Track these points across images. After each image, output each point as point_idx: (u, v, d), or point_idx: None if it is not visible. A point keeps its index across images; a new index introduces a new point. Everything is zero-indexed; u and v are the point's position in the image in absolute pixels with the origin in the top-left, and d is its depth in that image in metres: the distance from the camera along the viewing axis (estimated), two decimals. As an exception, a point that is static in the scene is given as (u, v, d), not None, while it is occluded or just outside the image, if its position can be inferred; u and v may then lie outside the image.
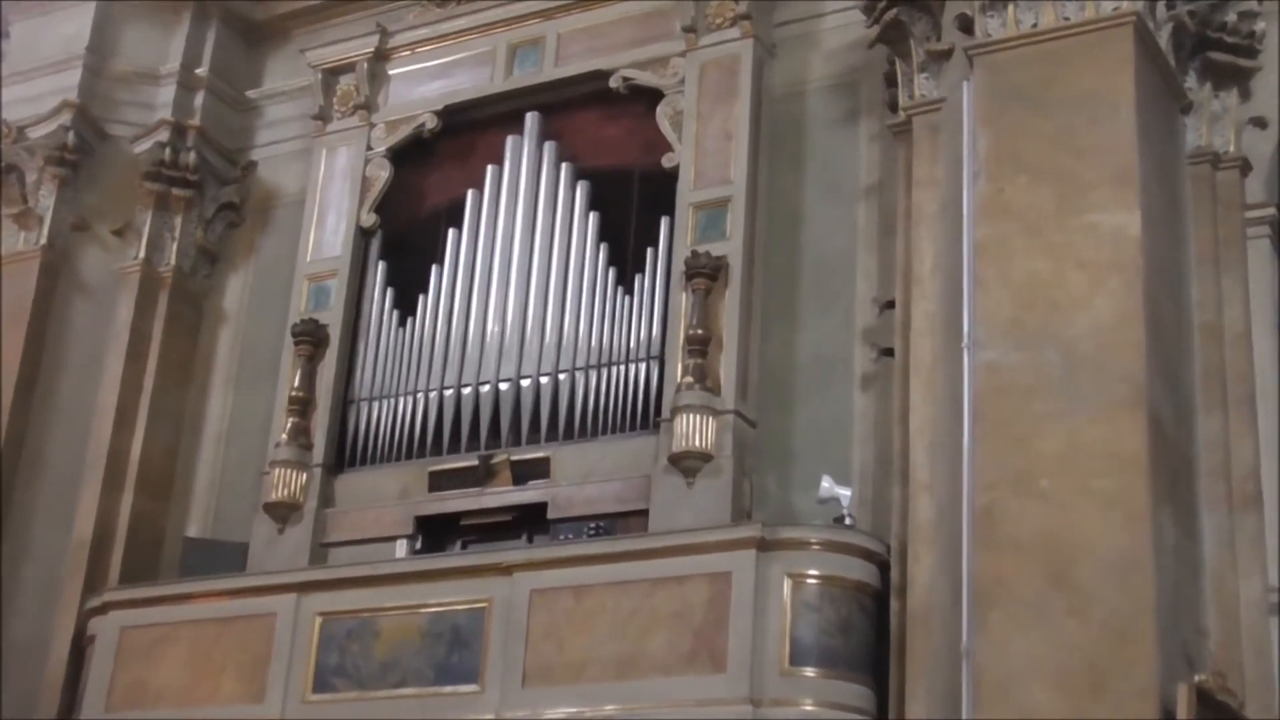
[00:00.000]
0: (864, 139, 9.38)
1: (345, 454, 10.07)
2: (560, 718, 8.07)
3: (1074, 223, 7.57)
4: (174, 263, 11.01)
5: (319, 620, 8.94)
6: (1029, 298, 7.54)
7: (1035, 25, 7.94)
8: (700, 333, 8.99)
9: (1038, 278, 7.55)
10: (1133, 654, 6.80)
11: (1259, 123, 8.33)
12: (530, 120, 10.31)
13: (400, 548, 9.62)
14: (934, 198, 8.30)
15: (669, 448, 8.83)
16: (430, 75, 10.71)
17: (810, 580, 7.98)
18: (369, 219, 10.58)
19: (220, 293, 11.27)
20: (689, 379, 8.89)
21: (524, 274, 9.94)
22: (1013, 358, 7.50)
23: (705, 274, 9.08)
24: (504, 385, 9.64)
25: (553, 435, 9.45)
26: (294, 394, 10.10)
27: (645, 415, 9.19)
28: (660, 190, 9.64)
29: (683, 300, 9.18)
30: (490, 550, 9.16)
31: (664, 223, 9.55)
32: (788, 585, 7.94)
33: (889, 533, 8.09)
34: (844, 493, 8.33)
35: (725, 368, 8.98)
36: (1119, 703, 6.73)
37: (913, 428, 7.99)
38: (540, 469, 9.40)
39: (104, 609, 9.66)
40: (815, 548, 8.06)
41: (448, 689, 8.46)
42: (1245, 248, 8.13)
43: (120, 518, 10.37)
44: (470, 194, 10.33)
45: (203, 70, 11.38)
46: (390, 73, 10.86)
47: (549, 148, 10.20)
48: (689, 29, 9.75)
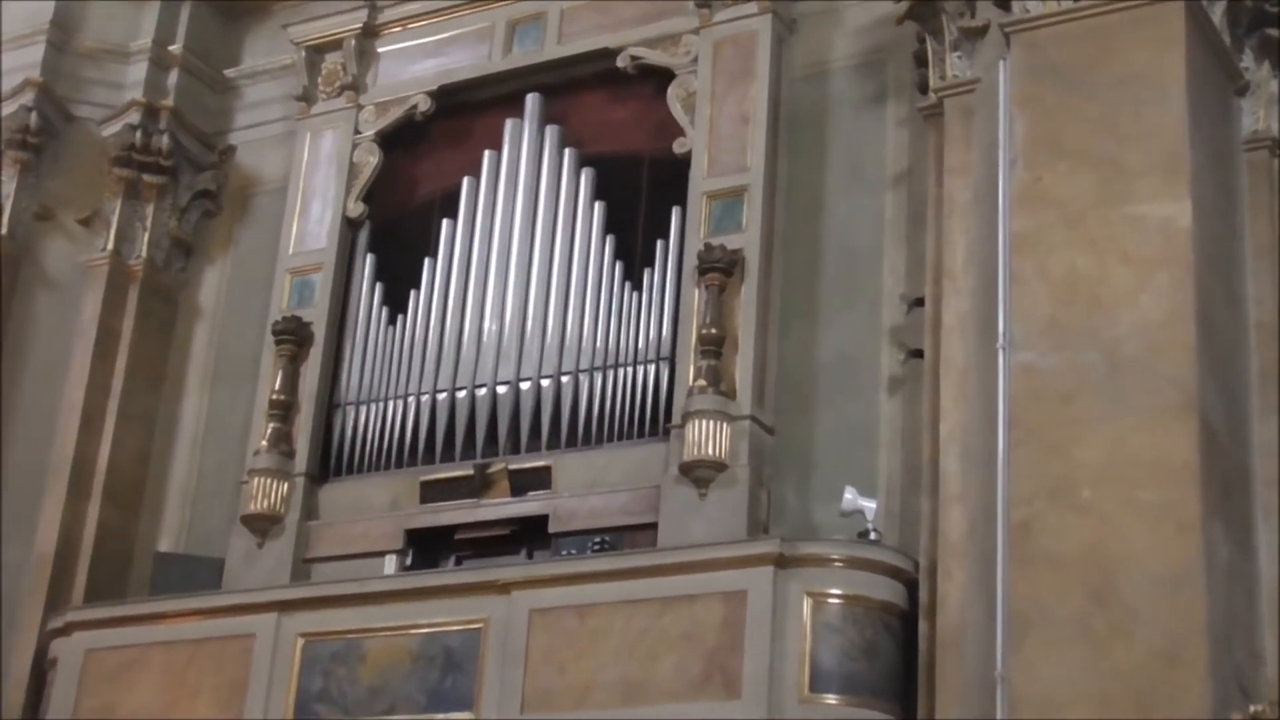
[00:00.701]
0: (891, 123, 9.38)
1: (330, 462, 10.09)
2: (561, 747, 8.11)
3: (1118, 213, 7.58)
4: (145, 255, 11.04)
5: (301, 642, 8.95)
6: (1069, 294, 7.55)
7: (1078, 0, 7.94)
8: (714, 332, 9.00)
9: (1079, 273, 7.56)
10: (1182, 680, 6.80)
11: (1321, 106, 8.36)
12: (531, 102, 10.33)
13: (389, 563, 9.63)
14: (967, 186, 8.31)
15: (680, 456, 8.84)
16: (423, 53, 10.73)
17: (832, 600, 7.99)
18: (356, 208, 10.60)
19: (195, 287, 11.29)
20: (701, 382, 8.91)
21: (524, 268, 9.96)
22: (1052, 359, 7.51)
23: (719, 269, 9.09)
24: (502, 388, 9.66)
25: (554, 443, 9.46)
26: (275, 397, 10.11)
27: (654, 421, 9.20)
28: (671, 178, 9.65)
29: (695, 297, 9.19)
30: (486, 566, 9.17)
31: (675, 213, 9.56)
32: (808, 605, 7.95)
33: (917, 549, 8.10)
34: (869, 505, 8.34)
35: (741, 370, 8.99)
36: (1166, 733, 6.75)
37: (943, 435, 8.00)
38: (541, 479, 9.41)
39: (67, 630, 9.68)
40: (837, 565, 8.07)
41: (440, 716, 8.47)
42: (1305, 241, 8.15)
43: (86, 530, 10.38)
44: (466, 182, 10.35)
45: (176, 47, 11.40)
46: (380, 50, 10.88)
47: (551, 132, 10.22)
48: (702, 4, 9.77)
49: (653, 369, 9.30)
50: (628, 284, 9.61)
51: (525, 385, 9.61)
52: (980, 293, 8.01)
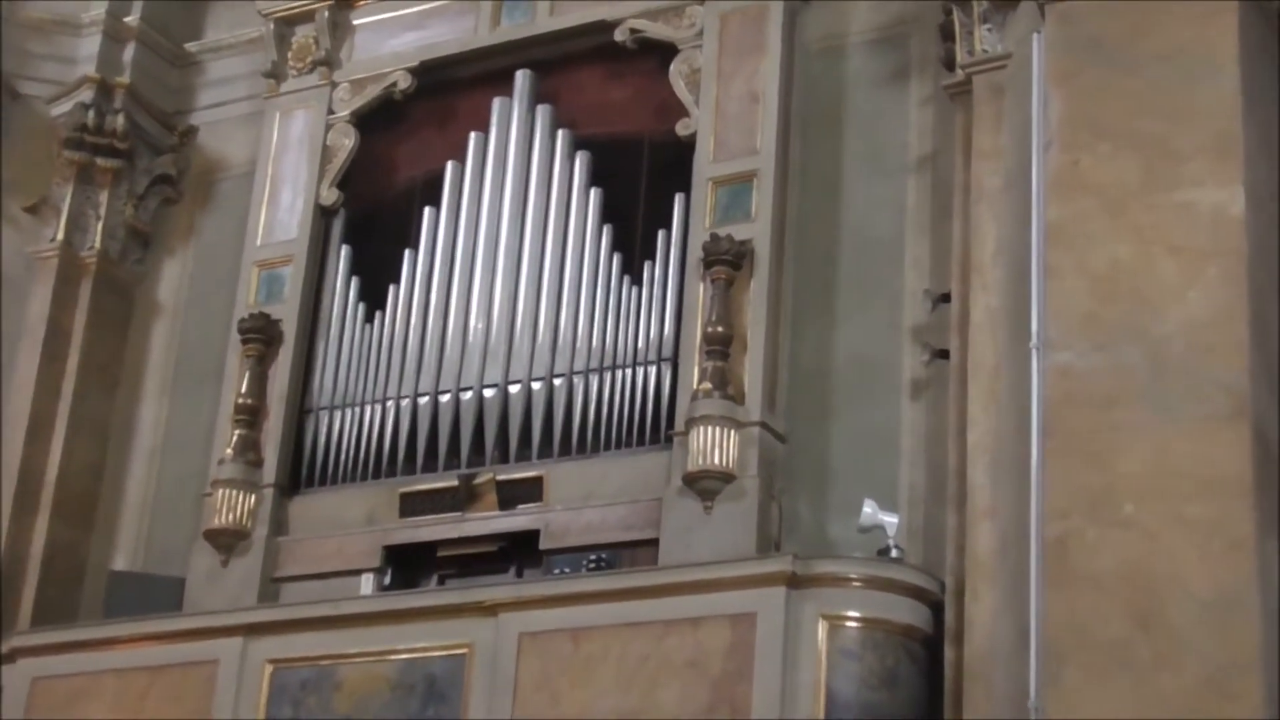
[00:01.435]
0: (914, 102, 9.39)
1: (301, 473, 10.09)
2: (554, 785, 8.10)
3: (1164, 200, 7.55)
4: (99, 246, 11.02)
5: (269, 669, 8.93)
6: (1110, 289, 7.52)
7: (1119, -33, 7.95)
8: (720, 331, 8.99)
9: (1121, 265, 7.53)
10: (1234, 712, 6.77)
11: (1387, 83, 8.33)
12: (521, 80, 10.32)
13: (366, 583, 9.62)
14: (997, 171, 8.30)
15: (683, 466, 8.84)
16: (403, 26, 10.73)
17: (849, 623, 7.98)
18: (330, 195, 10.59)
19: (154, 281, 11.28)
20: (707, 385, 8.90)
21: (513, 261, 9.95)
22: (1090, 360, 7.49)
23: (726, 261, 9.08)
24: (489, 392, 9.65)
25: (546, 451, 9.45)
26: (241, 401, 10.10)
27: (655, 428, 9.20)
28: (674, 162, 9.65)
29: (700, 292, 9.19)
30: (472, 586, 9.15)
31: (678, 201, 9.56)
32: (823, 629, 7.93)
33: (943, 568, 8.09)
34: (890, 520, 8.34)
35: (750, 372, 8.99)
36: (1217, 770, 6.74)
37: (971, 443, 7.99)
38: (531, 491, 9.41)
39: (13, 656, 9.66)
40: (856, 585, 8.06)
41: (421, 750, 8.49)
42: (1369, 232, 8.12)
43: (33, 547, 10.37)
44: (450, 166, 10.34)
45: (133, 19, 11.38)
46: (355, 23, 10.88)
47: (543, 112, 10.21)
48: (708, -27, 9.79)
49: (653, 371, 9.29)
50: (626, 278, 9.60)
51: (514, 389, 9.60)
52: (1011, 288, 8.00)
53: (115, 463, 10.84)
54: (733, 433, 8.80)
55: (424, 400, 9.80)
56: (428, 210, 10.31)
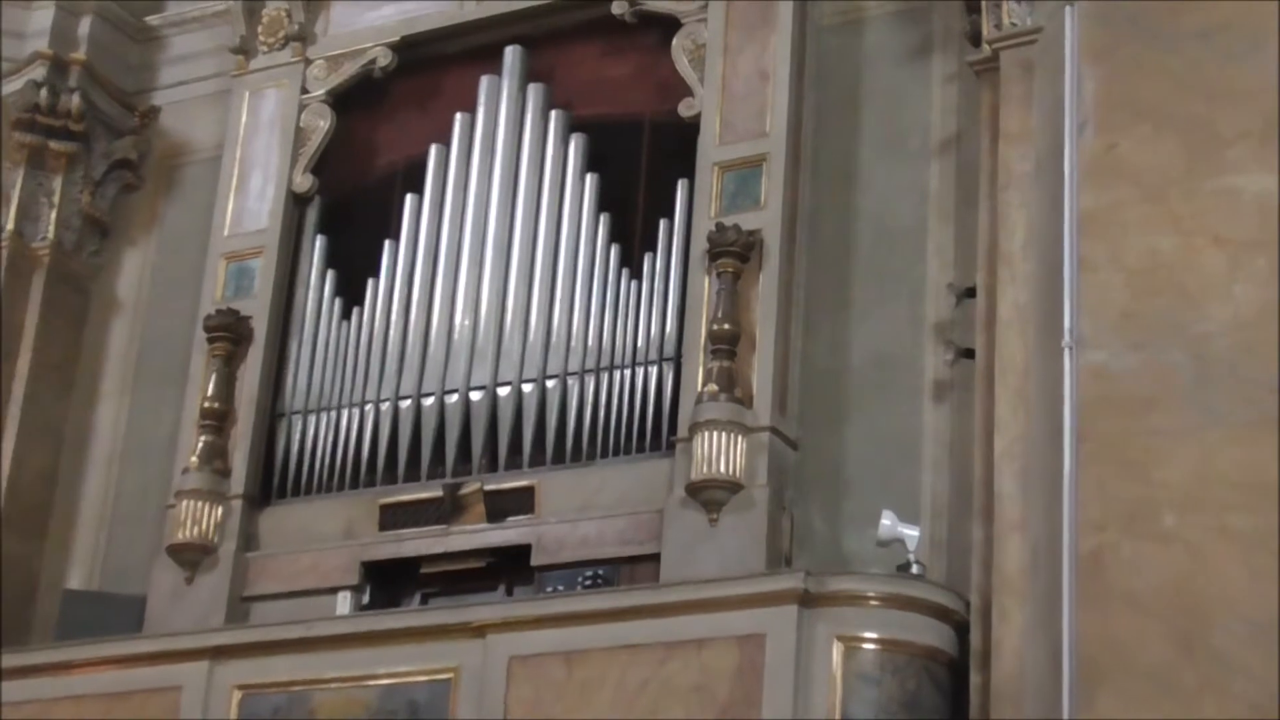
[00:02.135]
0: (937, 80, 9.42)
1: (273, 482, 10.10)
2: (546, 820, 8.13)
3: (1207, 187, 7.58)
4: (53, 236, 11.05)
5: (238, 695, 8.93)
6: (1148, 283, 7.55)
7: (1158, -65, 7.98)
8: (727, 328, 9.01)
9: (1160, 257, 7.56)
10: (1283, 740, 6.82)
11: None
12: (511, 56, 10.34)
13: (342, 602, 9.64)
14: (1027, 155, 8.30)
15: (686, 475, 8.85)
16: (383, -3, 10.78)
17: (867, 645, 7.98)
18: (304, 182, 10.61)
19: (112, 275, 11.31)
20: (712, 387, 8.91)
21: (502, 253, 9.96)
22: (1127, 360, 7.51)
23: (733, 253, 9.10)
24: (476, 395, 9.66)
25: (538, 459, 9.48)
26: (207, 405, 10.11)
27: (656, 433, 9.22)
28: (676, 146, 9.67)
29: (704, 286, 9.21)
30: (458, 606, 9.14)
31: (681, 187, 9.58)
32: (838, 651, 7.94)
33: (968, 585, 8.10)
34: (910, 533, 8.35)
35: (759, 373, 9.00)
36: (1265, 803, 6.77)
37: (998, 450, 7.99)
38: (522, 502, 9.43)
39: (-40, 681, 9.69)
40: (874, 603, 8.06)
41: (402, 783, 8.51)
42: None
43: (-18, 563, 10.40)
44: (434, 150, 10.36)
45: (90, -11, 11.43)
46: (332, -6, 10.93)
47: (534, 91, 10.22)
48: (714, -61, 9.81)
49: (654, 371, 9.31)
50: (625, 271, 9.62)
51: (504, 391, 9.61)
52: (1042, 281, 8.01)
53: (70, 471, 10.85)
54: (740, 438, 8.82)
55: (406, 404, 9.81)
56: (410, 198, 10.32)
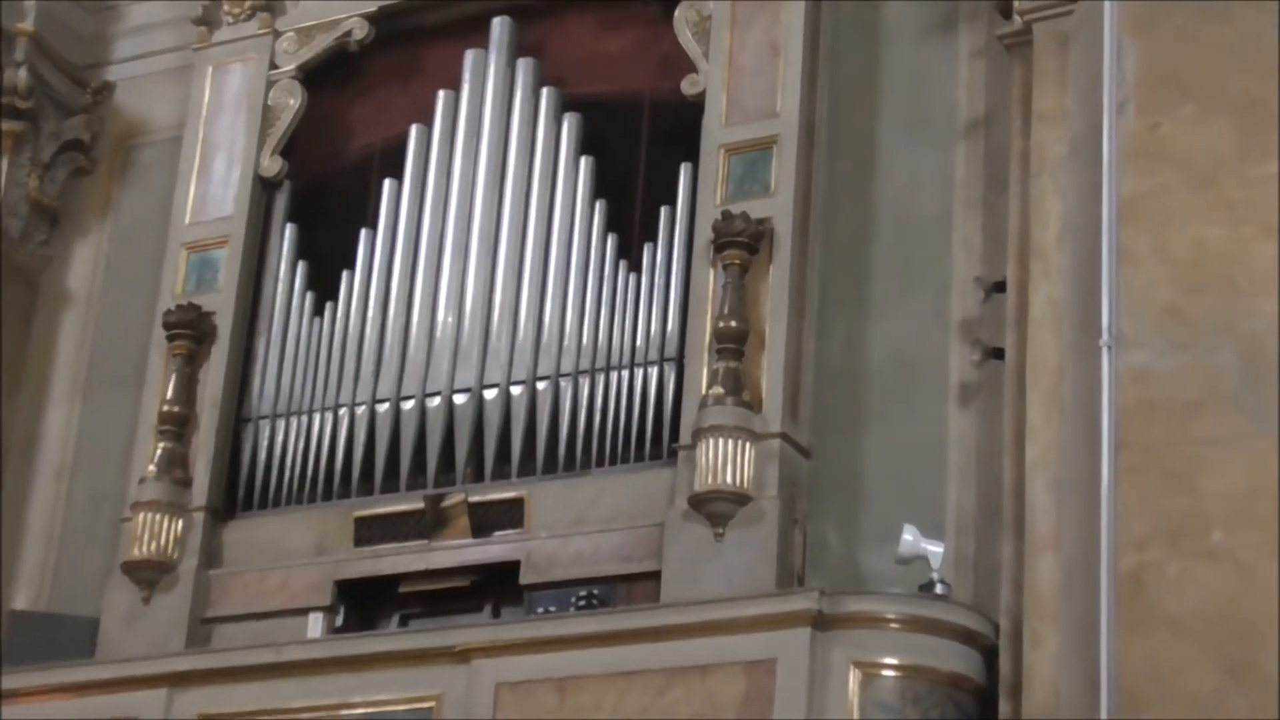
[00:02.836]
0: (964, 55, 9.43)
1: (238, 493, 10.11)
2: None
3: (1259, 172, 7.56)
4: (-3, 224, 11.07)
5: (200, 725, 8.97)
6: (1195, 277, 7.54)
7: (1206, -106, 7.97)
8: (734, 326, 9.00)
9: (1208, 248, 7.55)
10: (1340, 776, 6.81)
11: None
12: (498, 28, 10.35)
13: (314, 624, 9.65)
14: (1062, 137, 8.30)
15: (689, 485, 8.85)
16: (358, -36, 10.78)
17: (886, 671, 7.98)
18: (273, 165, 10.62)
19: (63, 266, 11.33)
20: (718, 390, 8.91)
21: (489, 243, 9.97)
22: (1171, 361, 7.50)
23: (741, 244, 9.10)
24: (460, 398, 9.67)
25: (528, 468, 9.48)
26: (166, 409, 10.12)
27: (657, 440, 9.22)
28: (679, 126, 9.68)
29: (709, 280, 9.22)
30: (440, 628, 9.13)
31: (684, 171, 9.59)
32: (854, 678, 7.93)
33: (997, 606, 8.10)
34: (933, 549, 8.34)
35: (768, 374, 9.01)
36: (1321, 843, 6.76)
37: (1030, 458, 7.99)
38: (510, 515, 9.43)
39: (-104, 709, 9.69)
40: (894, 626, 8.06)
41: (379, 821, 8.53)
42: None
43: (-81, 582, 10.42)
44: (414, 131, 10.37)
45: (38, -46, 11.43)
46: (302, -40, 10.94)
47: (524, 66, 10.23)
48: (720, -100, 9.81)
49: (655, 373, 9.31)
50: (623, 263, 9.62)
51: (490, 394, 9.62)
52: (1078, 275, 8.00)
53: (16, 481, 10.86)
54: (748, 446, 8.81)
55: (383, 408, 9.81)
56: (388, 183, 10.33)
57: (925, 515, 8.54)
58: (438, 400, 9.70)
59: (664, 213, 9.58)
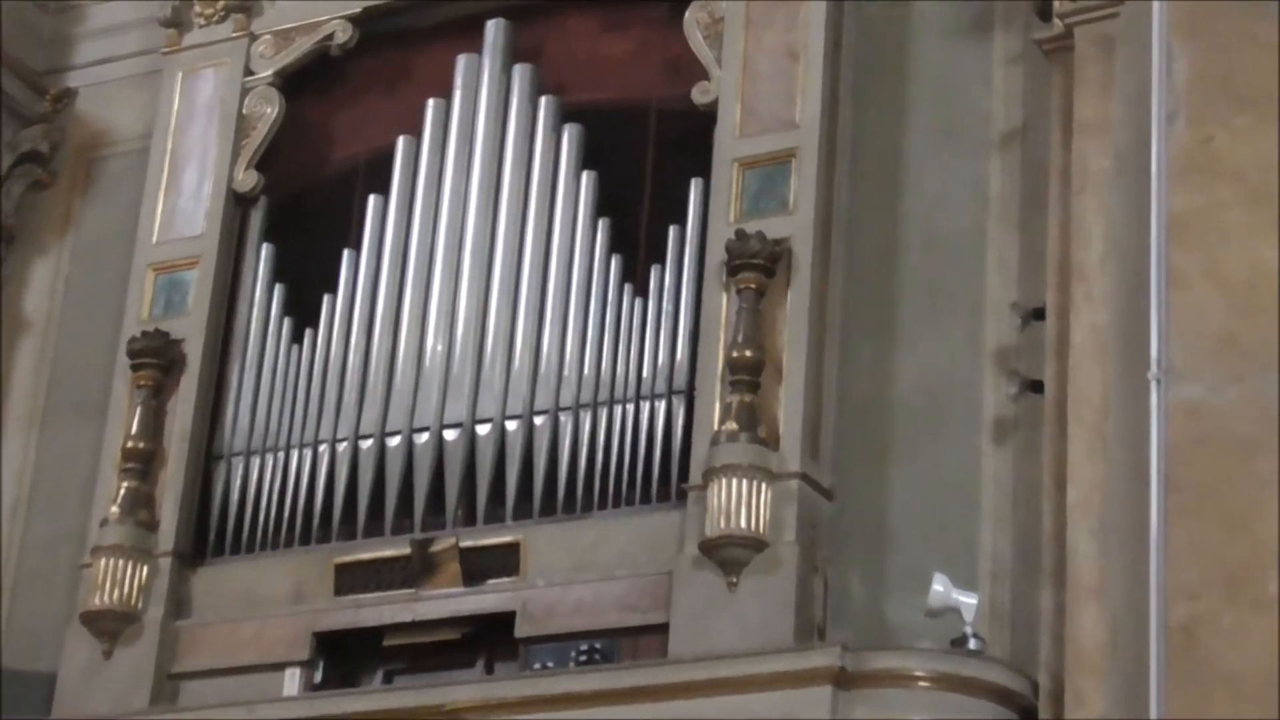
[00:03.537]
0: (999, 62, 9.46)
1: (208, 537, 10.10)
2: None
3: (1321, 188, 7.58)
4: (-52, 244, 11.10)
5: (165, 789, 8.97)
6: (1252, 302, 7.54)
7: (1261, -111, 7.98)
8: (749, 355, 9.01)
9: (1265, 271, 7.54)
10: None
11: None
12: (493, 31, 10.37)
13: (291, 680, 9.63)
14: (1106, 150, 8.32)
15: (700, 529, 8.85)
16: (341, -38, 10.82)
17: (916, 733, 8.02)
18: (248, 179, 10.64)
19: (19, 288, 11.34)
20: (731, 425, 8.92)
21: (482, 265, 9.98)
22: (1227, 394, 7.49)
23: (757, 266, 9.11)
24: (450, 434, 9.67)
25: (524, 510, 9.48)
26: (130, 444, 10.13)
27: (665, 480, 9.22)
28: (689, 138, 9.71)
29: (722, 305, 9.23)
30: (428, 685, 9.15)
31: (694, 187, 9.61)
32: (881, 740, 7.97)
33: (1036, 662, 8.10)
34: (966, 600, 8.34)
35: (786, 408, 9.02)
36: None
37: (1072, 500, 8.00)
38: (505, 561, 9.43)
39: None
40: (923, 685, 8.06)
41: None
42: None
43: None
44: (401, 142, 10.39)
45: (-8, -49, 11.47)
46: (280, -42, 10.97)
47: (520, 72, 10.25)
48: (734, -106, 9.84)
49: (662, 406, 9.31)
50: (628, 287, 9.63)
51: (483, 429, 9.62)
52: (1124, 300, 8.01)
53: (-33, 523, 10.87)
54: (764, 486, 8.81)
55: (367, 444, 9.81)
56: (373, 199, 10.35)
57: (957, 563, 8.55)
58: (426, 436, 9.70)
59: (673, 232, 9.59)
